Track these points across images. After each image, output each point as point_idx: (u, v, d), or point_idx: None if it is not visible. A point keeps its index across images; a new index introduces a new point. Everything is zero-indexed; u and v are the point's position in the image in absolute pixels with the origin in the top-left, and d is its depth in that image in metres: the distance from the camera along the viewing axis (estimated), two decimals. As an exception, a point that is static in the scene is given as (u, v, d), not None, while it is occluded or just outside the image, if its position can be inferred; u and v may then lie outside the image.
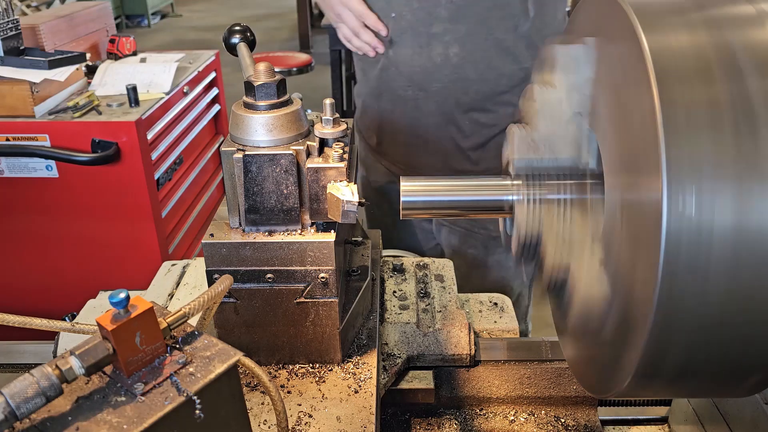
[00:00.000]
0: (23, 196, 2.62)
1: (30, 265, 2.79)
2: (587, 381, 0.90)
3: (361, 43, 1.67)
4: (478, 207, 0.98)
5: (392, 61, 1.65)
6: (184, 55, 3.26)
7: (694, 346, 0.67)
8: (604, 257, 0.78)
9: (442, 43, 1.57)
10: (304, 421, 0.92)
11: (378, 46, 1.64)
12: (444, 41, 1.57)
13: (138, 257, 2.72)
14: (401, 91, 1.67)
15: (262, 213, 0.95)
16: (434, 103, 1.65)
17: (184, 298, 1.26)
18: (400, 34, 1.61)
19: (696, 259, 0.62)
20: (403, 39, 1.61)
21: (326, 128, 0.96)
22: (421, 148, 1.73)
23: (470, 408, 1.20)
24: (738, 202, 0.61)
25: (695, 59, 0.65)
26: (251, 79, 0.95)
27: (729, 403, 1.08)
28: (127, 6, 10.40)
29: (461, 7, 1.53)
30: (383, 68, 1.68)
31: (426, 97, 1.65)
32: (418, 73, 1.62)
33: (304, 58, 5.13)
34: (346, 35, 1.70)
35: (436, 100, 1.64)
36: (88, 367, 0.59)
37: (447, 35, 1.56)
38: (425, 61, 1.60)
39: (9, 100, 2.50)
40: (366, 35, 1.64)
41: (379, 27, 1.61)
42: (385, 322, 1.18)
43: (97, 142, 2.49)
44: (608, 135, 0.77)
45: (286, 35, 9.80)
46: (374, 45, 1.64)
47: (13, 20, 2.68)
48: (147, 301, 0.61)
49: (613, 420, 1.24)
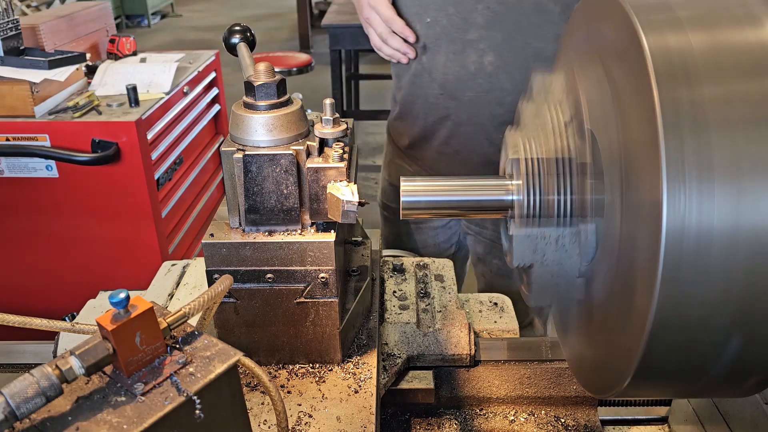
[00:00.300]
0: (23, 196, 2.62)
1: (30, 265, 2.79)
2: (587, 381, 0.90)
3: (391, 50, 1.62)
4: (478, 207, 0.98)
5: (425, 68, 1.61)
6: (184, 55, 3.26)
7: (693, 346, 0.67)
8: (604, 258, 0.78)
9: (477, 51, 1.52)
10: (304, 421, 0.92)
11: (408, 52, 1.59)
12: (479, 49, 1.51)
13: (138, 257, 2.72)
14: (433, 99, 1.63)
15: (262, 213, 0.95)
16: (466, 113, 1.60)
17: (184, 298, 1.26)
18: (435, 39, 1.56)
19: (696, 259, 0.62)
20: (437, 45, 1.56)
21: (326, 128, 0.96)
22: (451, 158, 1.68)
23: (470, 408, 1.20)
24: (738, 202, 0.61)
25: (695, 59, 0.65)
26: (251, 79, 0.95)
27: (729, 403, 1.08)
28: (127, 6, 10.40)
29: (498, 14, 1.47)
30: (416, 74, 1.64)
31: (458, 106, 1.60)
32: (450, 81, 1.57)
33: (304, 58, 5.13)
34: (375, 43, 1.66)
35: (468, 110, 1.59)
36: (88, 367, 0.59)
37: (482, 42, 1.51)
38: (459, 69, 1.55)
39: (9, 100, 2.50)
40: (395, 41, 1.59)
41: (407, 33, 1.56)
42: (385, 322, 1.18)
43: (97, 142, 2.49)
44: (609, 135, 0.77)
45: (286, 35, 9.81)
46: (404, 51, 1.59)
47: (13, 20, 2.68)
48: (147, 301, 0.61)
49: (613, 420, 1.24)
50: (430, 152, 1.72)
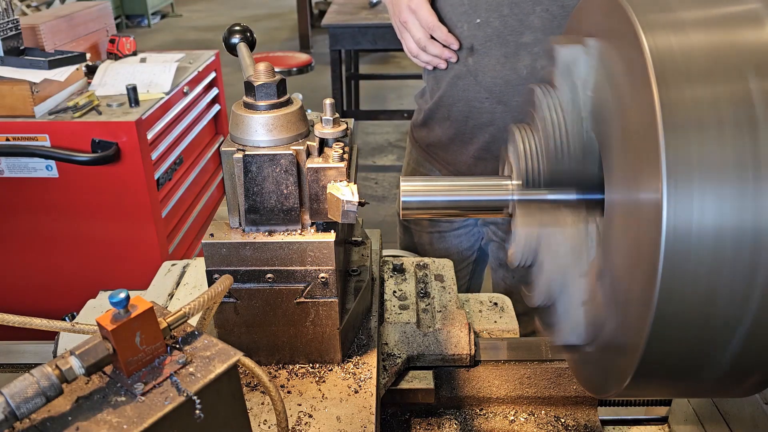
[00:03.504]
0: (23, 196, 2.63)
1: (30, 265, 2.79)
2: (587, 381, 0.90)
3: (430, 57, 1.53)
4: (477, 207, 0.98)
5: (470, 70, 1.52)
6: (184, 55, 3.26)
7: (693, 346, 0.67)
8: (604, 258, 0.78)
9: (531, 55, 1.44)
10: (304, 421, 0.92)
11: (451, 57, 1.51)
12: (533, 52, 1.44)
13: (138, 257, 2.72)
14: (477, 103, 1.54)
15: (262, 213, 0.95)
16: (513, 119, 1.52)
17: (184, 298, 1.26)
18: (485, 41, 1.48)
19: (696, 259, 0.62)
20: (488, 47, 1.48)
21: (326, 128, 0.96)
22: (491, 164, 1.60)
23: (470, 408, 1.20)
24: (738, 202, 0.61)
25: (695, 59, 0.65)
26: (251, 79, 0.95)
27: (729, 403, 1.08)
28: (127, 6, 10.40)
29: (556, 17, 1.40)
30: (458, 76, 1.55)
31: (504, 111, 1.52)
32: (499, 84, 1.50)
33: (304, 58, 5.13)
34: (411, 49, 1.56)
35: (515, 115, 1.49)
36: (88, 367, 0.59)
37: (537, 46, 1.43)
38: (509, 73, 1.48)
39: (9, 100, 2.50)
40: (434, 48, 1.51)
41: (450, 41, 1.48)
42: (385, 322, 1.18)
43: (97, 142, 2.49)
44: (609, 135, 0.77)
45: (286, 35, 9.81)
46: (447, 57, 1.51)
47: (13, 20, 2.68)
48: (147, 301, 0.61)
49: (613, 420, 1.24)
50: (465, 157, 1.65)
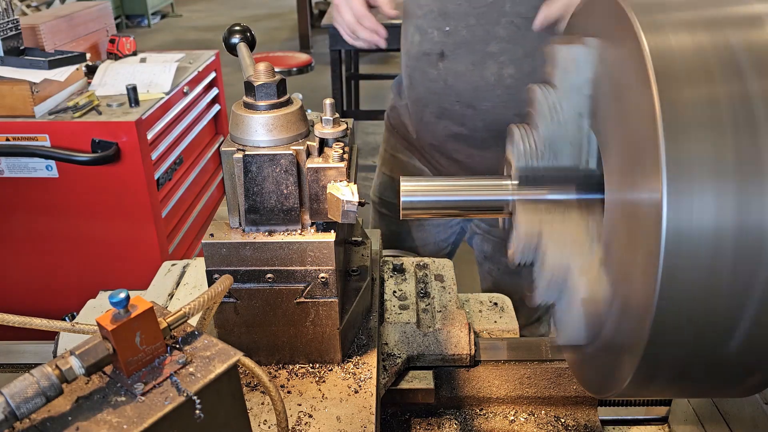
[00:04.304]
0: (23, 196, 2.63)
1: (30, 265, 2.79)
2: (587, 381, 0.90)
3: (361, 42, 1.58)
4: (477, 207, 0.98)
5: (441, 75, 1.58)
6: (184, 55, 3.26)
7: (693, 347, 0.67)
8: (604, 258, 0.78)
9: (497, 63, 1.50)
10: (304, 421, 0.92)
11: (380, 42, 1.53)
12: (499, 61, 1.50)
13: (138, 257, 2.72)
14: (448, 105, 1.60)
15: (262, 213, 0.95)
16: (482, 121, 1.58)
17: (184, 298, 1.26)
18: (454, 49, 1.54)
19: (696, 259, 0.62)
20: (457, 54, 1.54)
21: (326, 128, 0.96)
22: (462, 165, 1.66)
23: (470, 408, 1.20)
24: (738, 202, 0.61)
25: (695, 59, 0.65)
26: (251, 79, 0.95)
27: (729, 403, 1.08)
28: (127, 6, 10.40)
29: (521, 28, 1.45)
30: (431, 79, 1.61)
31: (474, 114, 1.58)
32: (468, 90, 1.55)
33: (304, 58, 5.13)
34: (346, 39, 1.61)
35: (484, 118, 1.57)
36: (88, 367, 0.59)
37: (503, 55, 1.49)
38: (477, 79, 1.53)
39: (9, 100, 2.50)
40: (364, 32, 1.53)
41: (378, 28, 1.52)
42: (385, 322, 1.18)
43: (97, 142, 2.49)
44: (608, 135, 0.77)
45: (286, 35, 9.81)
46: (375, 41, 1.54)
47: (13, 20, 2.68)
48: (147, 301, 0.61)
49: (613, 420, 1.24)
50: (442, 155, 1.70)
